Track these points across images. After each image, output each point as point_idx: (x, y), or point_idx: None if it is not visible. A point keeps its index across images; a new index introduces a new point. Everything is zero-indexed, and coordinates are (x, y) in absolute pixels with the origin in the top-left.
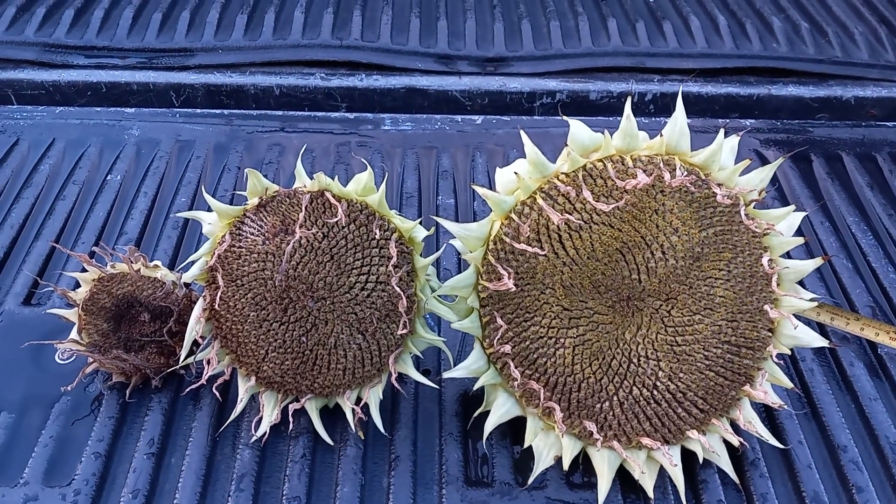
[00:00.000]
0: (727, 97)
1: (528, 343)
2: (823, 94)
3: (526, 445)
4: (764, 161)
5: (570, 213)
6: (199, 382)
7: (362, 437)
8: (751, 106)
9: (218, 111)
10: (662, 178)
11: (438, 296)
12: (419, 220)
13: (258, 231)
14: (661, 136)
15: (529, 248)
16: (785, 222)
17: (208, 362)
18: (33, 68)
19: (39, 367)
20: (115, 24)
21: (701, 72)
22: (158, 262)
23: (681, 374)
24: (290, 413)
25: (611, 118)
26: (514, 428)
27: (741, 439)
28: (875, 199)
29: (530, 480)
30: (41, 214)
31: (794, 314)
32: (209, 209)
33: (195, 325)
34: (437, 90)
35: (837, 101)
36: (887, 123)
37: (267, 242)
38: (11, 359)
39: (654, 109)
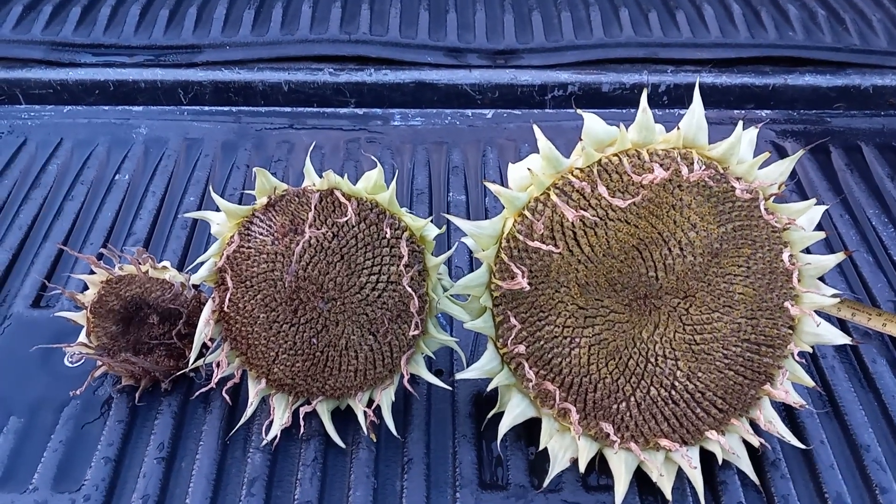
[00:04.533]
0: (742, 87)
1: (542, 343)
2: (841, 84)
3: (541, 447)
4: (781, 152)
5: (584, 210)
6: (209, 385)
7: (374, 440)
8: (767, 96)
9: (226, 108)
10: (680, 172)
11: (451, 295)
12: (430, 218)
13: (267, 231)
14: (678, 129)
15: (543, 246)
16: (805, 216)
17: (218, 365)
18: (41, 67)
19: (48, 370)
20: (122, 21)
21: (715, 62)
22: (167, 263)
23: (699, 374)
24: (302, 416)
25: (623, 110)
26: (529, 429)
27: (761, 440)
28: None
29: (546, 483)
30: (49, 215)
31: (814, 311)
32: (218, 209)
33: (204, 328)
34: (446, 84)
35: (856, 90)
36: None
37: (276, 243)
38: (20, 362)
39: (667, 101)
